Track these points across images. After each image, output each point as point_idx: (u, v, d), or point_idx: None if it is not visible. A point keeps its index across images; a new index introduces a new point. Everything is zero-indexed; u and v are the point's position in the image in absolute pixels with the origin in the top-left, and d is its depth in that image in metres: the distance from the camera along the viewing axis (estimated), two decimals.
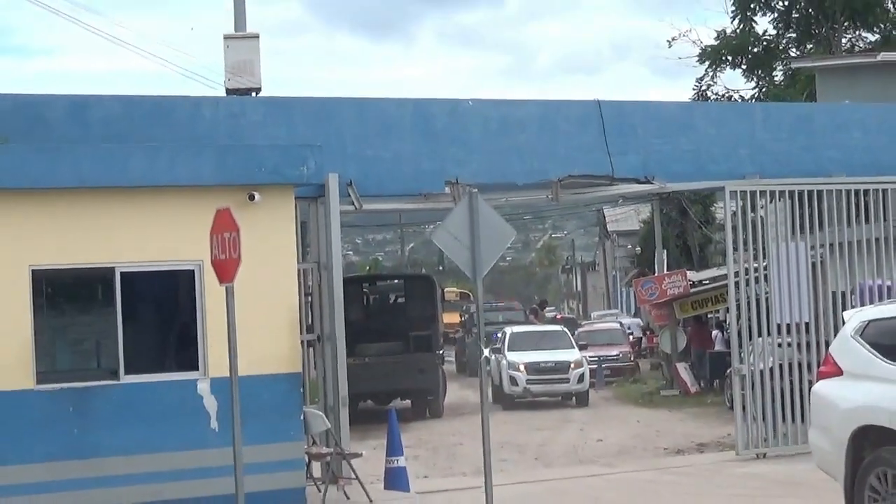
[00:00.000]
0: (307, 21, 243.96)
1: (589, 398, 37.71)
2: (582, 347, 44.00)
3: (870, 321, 13.95)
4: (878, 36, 50.20)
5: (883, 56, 37.18)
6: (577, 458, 24.48)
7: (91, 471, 16.83)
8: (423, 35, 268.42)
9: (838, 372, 14.07)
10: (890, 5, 50.06)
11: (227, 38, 23.95)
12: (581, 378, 37.59)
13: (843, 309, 23.35)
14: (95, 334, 17.90)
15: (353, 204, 20.90)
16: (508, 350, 38.81)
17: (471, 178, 20.67)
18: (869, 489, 13.16)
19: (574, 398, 37.90)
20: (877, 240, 23.83)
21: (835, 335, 22.83)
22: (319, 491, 17.89)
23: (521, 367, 37.66)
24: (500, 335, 42.57)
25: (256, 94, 23.65)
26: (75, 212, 17.21)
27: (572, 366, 37.61)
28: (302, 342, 18.86)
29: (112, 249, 17.22)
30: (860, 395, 13.49)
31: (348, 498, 17.97)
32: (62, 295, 17.90)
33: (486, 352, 17.22)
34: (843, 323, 14.80)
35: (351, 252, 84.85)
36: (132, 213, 17.40)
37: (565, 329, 41.38)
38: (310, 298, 20.46)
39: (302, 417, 18.03)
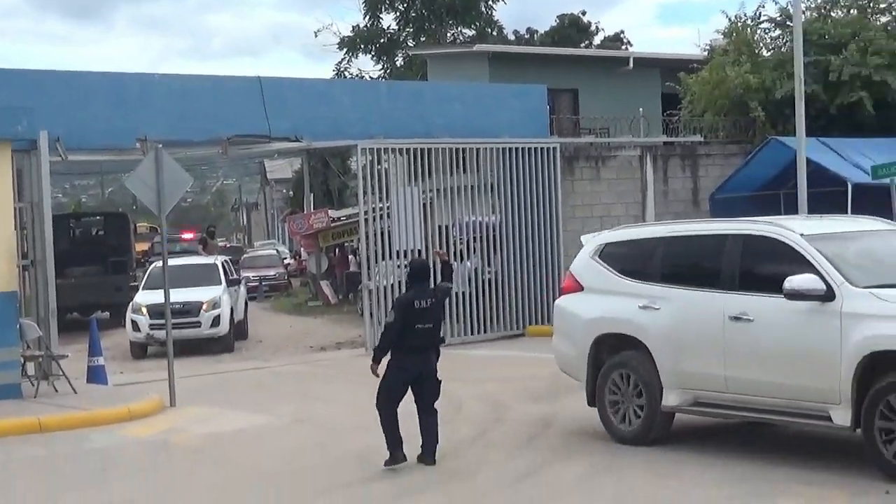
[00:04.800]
0: (21, 7, 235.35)
1: (233, 345, 26.21)
2: (247, 269, 43.78)
3: (606, 244, 13.29)
4: (474, 31, 51.31)
5: (478, 47, 38.00)
6: (241, 356, 24.38)
7: None
8: (119, 20, 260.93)
9: (579, 288, 13.33)
10: (483, 8, 51.19)
11: None
12: (217, 321, 25.93)
13: (446, 238, 24.11)
14: None
15: (60, 156, 20.47)
16: (143, 289, 27.25)
17: (157, 137, 20.35)
18: (611, 384, 12.60)
19: (217, 345, 25.97)
20: (472, 186, 24.56)
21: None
22: (33, 385, 17.44)
23: (144, 310, 25.78)
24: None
25: None
26: None
27: (204, 307, 25.98)
28: (18, 266, 18.41)
29: None
30: (600, 307, 12.88)
31: (56, 391, 17.54)
32: None
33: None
34: (582, 245, 13.77)
35: (60, 195, 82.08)
36: None
37: (217, 263, 28.78)
38: (25, 231, 19.91)
39: (18, 327, 17.54)
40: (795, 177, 23.33)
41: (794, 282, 10.68)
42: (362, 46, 52.08)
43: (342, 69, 52.36)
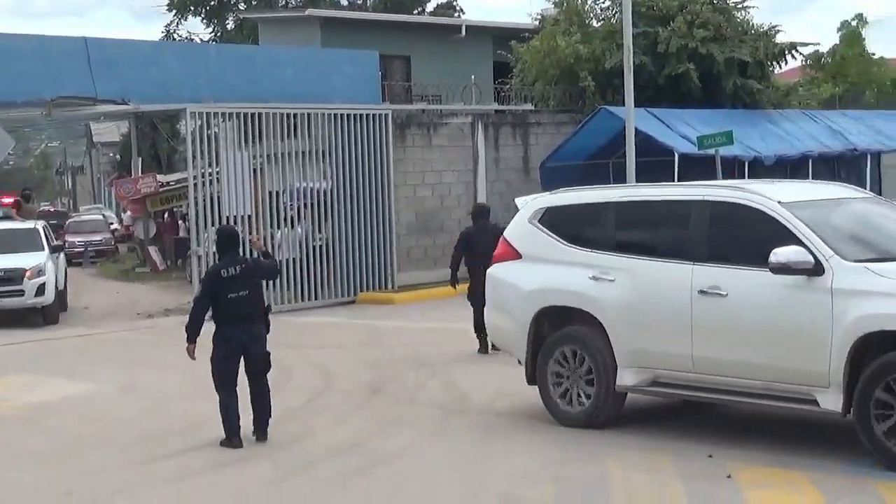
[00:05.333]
0: None
1: (58, 315, 23.94)
2: (72, 234, 42.79)
3: (548, 208, 11.97)
4: None
5: (310, 11, 37.71)
6: (65, 323, 23.74)
7: None
8: None
9: (516, 255, 12.06)
10: None
11: None
12: (42, 290, 23.30)
13: (277, 204, 23.90)
14: None
15: None
16: None
17: None
18: (555, 362, 11.43)
19: (41, 316, 23.57)
20: (303, 152, 24.39)
21: (277, 223, 23.49)
22: None
23: None
24: None
25: None
26: None
27: (28, 274, 23.19)
28: None
29: None
30: (543, 277, 11.62)
31: None
32: None
33: None
34: (517, 209, 12.47)
35: None
36: None
37: (38, 228, 25.71)
38: None
39: None
40: (624, 146, 23.74)
41: (782, 254, 9.67)
42: (192, 8, 51.21)
43: (171, 31, 51.46)
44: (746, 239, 10.49)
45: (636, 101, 24.29)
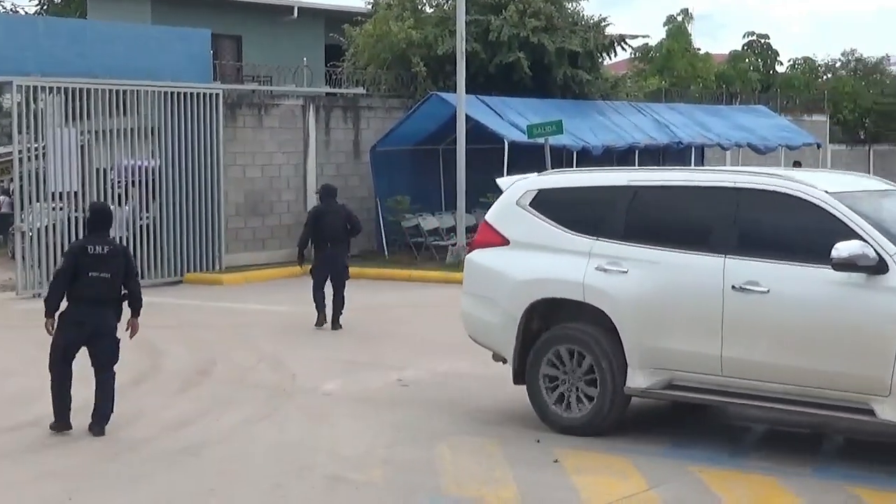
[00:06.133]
0: None
1: None
2: None
3: (540, 190, 10.84)
4: None
5: None
6: None
7: None
8: None
9: (502, 241, 10.82)
10: None
11: None
12: None
13: (104, 181, 23.51)
14: None
15: None
16: None
17: None
18: (549, 362, 10.40)
19: None
20: (132, 129, 24.05)
21: (100, 201, 23.08)
22: None
23: None
24: None
25: None
26: None
27: None
28: None
29: None
30: (537, 266, 10.46)
31: None
32: None
33: None
34: (500, 190, 11.36)
35: None
36: None
37: None
38: None
39: None
40: (455, 132, 24.10)
41: (845, 249, 8.79)
42: None
43: None
44: (789, 231, 9.59)
45: (467, 88, 24.70)
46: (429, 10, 31.83)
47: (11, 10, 49.38)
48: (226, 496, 8.90)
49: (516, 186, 11.09)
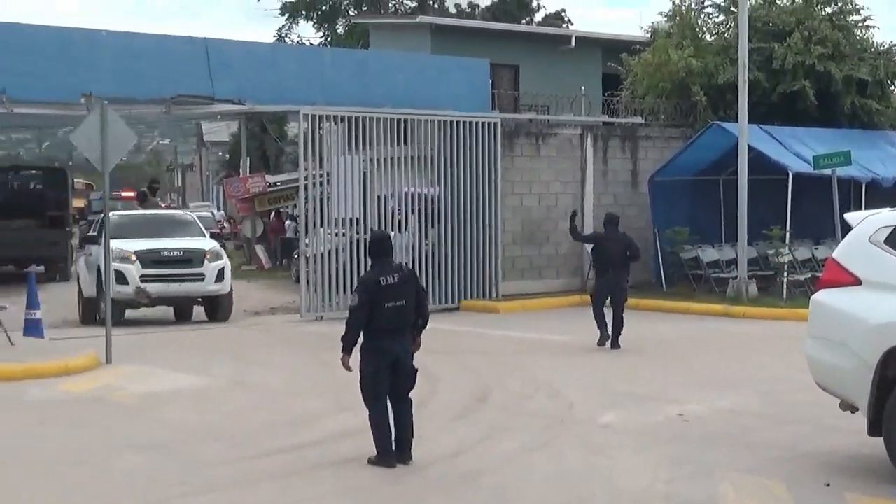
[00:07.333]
0: None
1: (232, 308, 22.81)
2: None
3: None
4: (416, 3, 51.23)
5: (421, 18, 38.03)
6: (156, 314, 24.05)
7: None
8: None
9: (853, 281, 10.09)
10: None
11: None
12: (221, 275, 22.01)
13: (385, 208, 24.05)
14: None
15: (4, 107, 20.30)
16: (113, 238, 19.64)
17: (102, 93, 20.19)
18: None
19: (210, 306, 22.48)
20: (411, 157, 24.55)
21: (385, 228, 23.60)
22: None
23: (132, 257, 21.45)
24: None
25: None
26: None
27: (208, 256, 21.91)
28: None
29: None
30: (895, 308, 9.60)
31: None
32: None
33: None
34: (849, 227, 10.68)
35: None
36: None
37: (193, 216, 25.23)
38: None
39: None
40: (736, 163, 23.58)
41: None
42: (304, 13, 51.85)
43: (283, 34, 52.14)
44: None
45: (749, 117, 24.12)
46: (709, 38, 31.34)
47: (298, 41, 51.36)
48: None
49: (868, 222, 10.35)
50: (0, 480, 10.23)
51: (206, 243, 22.79)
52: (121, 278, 21.15)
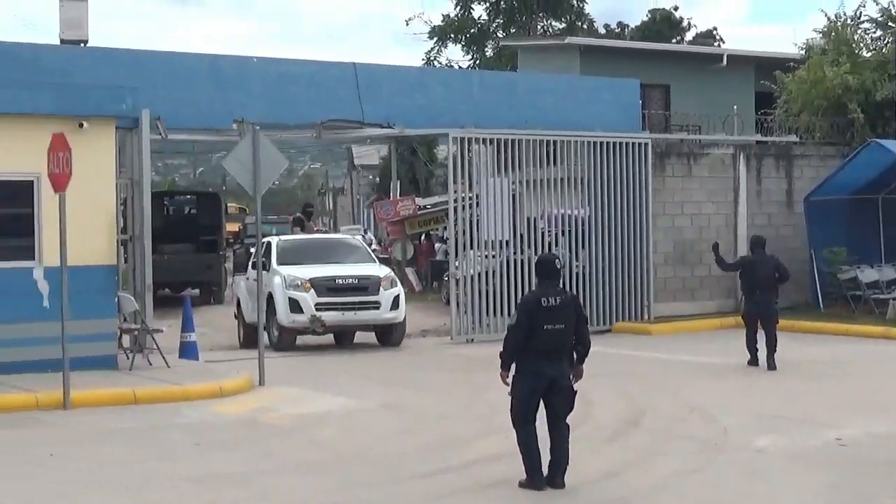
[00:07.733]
0: None
1: (403, 335, 22.37)
2: None
3: None
4: (564, 24, 51.19)
5: (569, 39, 37.95)
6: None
7: None
8: (212, 2, 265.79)
9: None
10: (574, 1, 51.16)
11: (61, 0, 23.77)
12: (396, 303, 21.46)
13: (535, 230, 24.02)
14: None
15: (160, 134, 20.77)
16: (279, 265, 21.83)
17: (253, 119, 20.64)
18: None
19: (383, 334, 22.04)
20: (561, 179, 24.49)
21: (535, 250, 23.58)
22: (128, 358, 17.71)
23: (307, 285, 21.06)
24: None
25: (85, 44, 23.42)
26: None
27: (383, 284, 21.43)
28: (118, 240, 18.64)
29: None
30: None
31: (150, 364, 17.82)
32: None
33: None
34: None
35: (153, 173, 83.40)
36: None
37: (360, 240, 25.29)
38: (124, 207, 20.19)
39: (116, 300, 17.91)
40: (895, 181, 23.00)
41: None
42: (452, 36, 52.19)
43: (431, 58, 52.53)
44: None
45: None
46: (866, 53, 30.65)
47: (447, 65, 51.69)
48: None
49: None
50: (158, 499, 10.45)
51: (381, 270, 22.48)
52: (295, 307, 21.16)
